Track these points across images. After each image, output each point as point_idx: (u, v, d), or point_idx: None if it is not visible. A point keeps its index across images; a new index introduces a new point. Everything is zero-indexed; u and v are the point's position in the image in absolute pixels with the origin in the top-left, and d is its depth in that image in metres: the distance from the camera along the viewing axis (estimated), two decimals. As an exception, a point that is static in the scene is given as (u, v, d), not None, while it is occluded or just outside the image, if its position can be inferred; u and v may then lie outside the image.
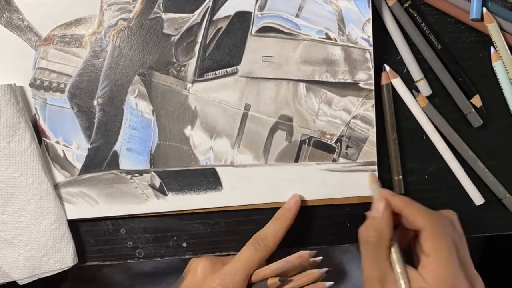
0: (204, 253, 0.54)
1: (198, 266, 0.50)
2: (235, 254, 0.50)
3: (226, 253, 0.54)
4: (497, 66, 0.52)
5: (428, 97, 0.53)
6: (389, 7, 0.52)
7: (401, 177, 0.53)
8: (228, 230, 0.54)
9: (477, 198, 0.54)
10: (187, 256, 0.54)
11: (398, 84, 0.53)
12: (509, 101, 0.53)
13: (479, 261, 0.94)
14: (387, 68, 0.52)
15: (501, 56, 0.52)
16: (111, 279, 0.70)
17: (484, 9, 0.51)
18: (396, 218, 0.47)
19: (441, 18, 0.53)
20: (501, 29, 0.52)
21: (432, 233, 0.44)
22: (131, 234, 0.53)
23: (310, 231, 0.54)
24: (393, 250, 0.45)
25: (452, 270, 0.43)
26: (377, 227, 0.45)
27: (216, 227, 0.53)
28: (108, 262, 0.53)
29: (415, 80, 0.53)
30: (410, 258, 0.47)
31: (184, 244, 0.54)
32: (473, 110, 0.53)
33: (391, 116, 0.53)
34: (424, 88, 0.53)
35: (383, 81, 0.52)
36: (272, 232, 0.50)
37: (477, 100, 0.53)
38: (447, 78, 0.53)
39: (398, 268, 0.44)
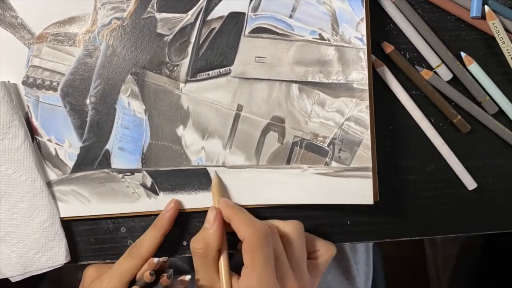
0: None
1: (86, 274, 0.51)
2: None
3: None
4: (472, 68, 0.52)
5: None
6: (393, 2, 0.52)
7: (459, 116, 0.53)
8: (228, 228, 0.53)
9: (469, 183, 0.54)
10: (187, 255, 0.54)
11: (388, 76, 0.52)
12: (500, 102, 0.53)
13: (479, 261, 0.94)
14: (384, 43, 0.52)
15: (508, 52, 0.51)
16: None
17: (487, 7, 0.50)
18: None
19: (441, 15, 0.53)
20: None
21: (249, 245, 0.45)
22: (131, 232, 0.53)
23: (310, 231, 0.54)
24: (221, 259, 0.48)
25: (265, 283, 0.44)
26: (205, 239, 0.48)
27: (217, 225, 0.53)
28: (108, 261, 0.54)
29: (433, 66, 0.52)
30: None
31: (184, 243, 0.53)
32: (487, 97, 0.52)
33: (412, 73, 0.52)
34: (445, 73, 0.52)
35: (387, 51, 0.52)
36: (147, 241, 0.50)
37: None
38: (458, 67, 0.52)
39: (223, 277, 0.47)
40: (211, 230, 0.48)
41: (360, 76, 0.50)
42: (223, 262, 0.48)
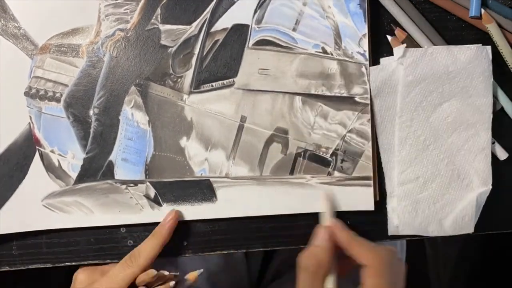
0: (204, 251, 0.54)
1: (76, 279, 0.50)
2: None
3: (226, 252, 0.54)
4: None
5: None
6: (395, 1, 0.52)
7: None
8: (228, 228, 0.53)
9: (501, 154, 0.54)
10: (187, 255, 0.54)
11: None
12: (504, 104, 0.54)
13: (479, 261, 0.94)
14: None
15: (503, 55, 0.52)
16: None
17: (482, 10, 0.51)
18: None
19: (442, 15, 0.53)
20: (501, 27, 0.51)
21: (375, 271, 0.46)
22: (131, 232, 0.53)
23: (310, 230, 0.54)
24: (331, 279, 0.47)
25: None
26: (317, 256, 0.47)
27: (217, 225, 0.53)
28: (108, 261, 0.53)
29: None
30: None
31: (185, 243, 0.53)
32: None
33: None
34: None
35: (401, 37, 0.52)
36: (146, 249, 0.50)
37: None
38: None
39: None
40: (324, 248, 0.47)
41: (362, 91, 0.51)
42: (332, 281, 0.47)
